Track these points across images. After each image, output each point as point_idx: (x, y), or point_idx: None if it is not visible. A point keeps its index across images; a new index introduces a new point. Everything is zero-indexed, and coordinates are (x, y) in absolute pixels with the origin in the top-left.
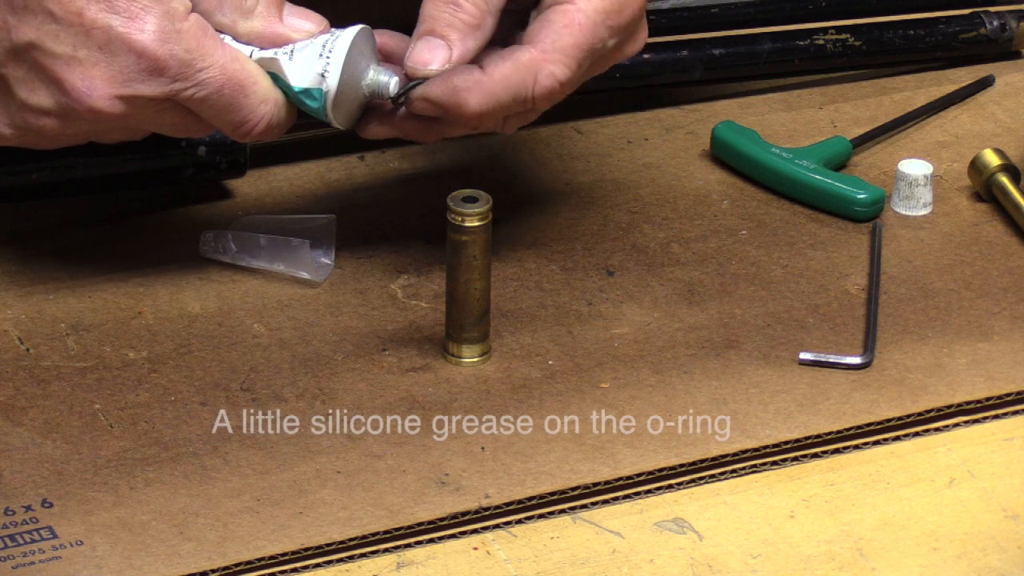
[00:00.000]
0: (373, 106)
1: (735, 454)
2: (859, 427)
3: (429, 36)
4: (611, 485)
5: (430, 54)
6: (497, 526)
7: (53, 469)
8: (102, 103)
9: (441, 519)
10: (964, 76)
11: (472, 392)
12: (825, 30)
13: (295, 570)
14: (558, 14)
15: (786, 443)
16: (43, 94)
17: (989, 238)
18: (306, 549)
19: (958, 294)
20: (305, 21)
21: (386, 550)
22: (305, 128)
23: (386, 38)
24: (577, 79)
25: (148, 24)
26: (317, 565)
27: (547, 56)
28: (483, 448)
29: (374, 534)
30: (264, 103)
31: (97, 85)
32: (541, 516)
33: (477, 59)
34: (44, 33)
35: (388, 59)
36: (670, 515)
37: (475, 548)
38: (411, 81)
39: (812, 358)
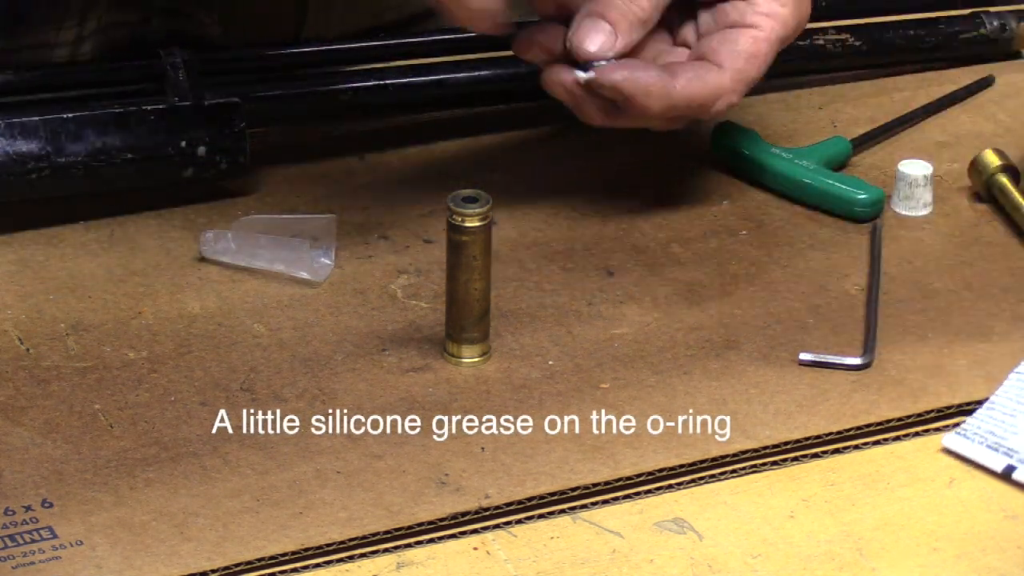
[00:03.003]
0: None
1: (735, 454)
2: (859, 427)
3: (600, 19)
4: (611, 485)
5: (596, 35)
6: (497, 526)
7: (53, 469)
8: None
9: (441, 519)
10: (964, 76)
11: (472, 392)
12: (825, 30)
13: (295, 570)
14: (746, 39)
15: (786, 443)
16: None
17: (989, 238)
18: (306, 549)
19: (958, 294)
20: None
21: (386, 550)
22: (305, 128)
23: (545, 35)
24: None
25: None
26: (317, 565)
27: (733, 85)
28: (483, 448)
29: (374, 534)
30: None
31: None
32: (541, 516)
33: (661, 57)
34: None
35: (566, 10)
36: (670, 515)
37: (475, 548)
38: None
39: (812, 358)
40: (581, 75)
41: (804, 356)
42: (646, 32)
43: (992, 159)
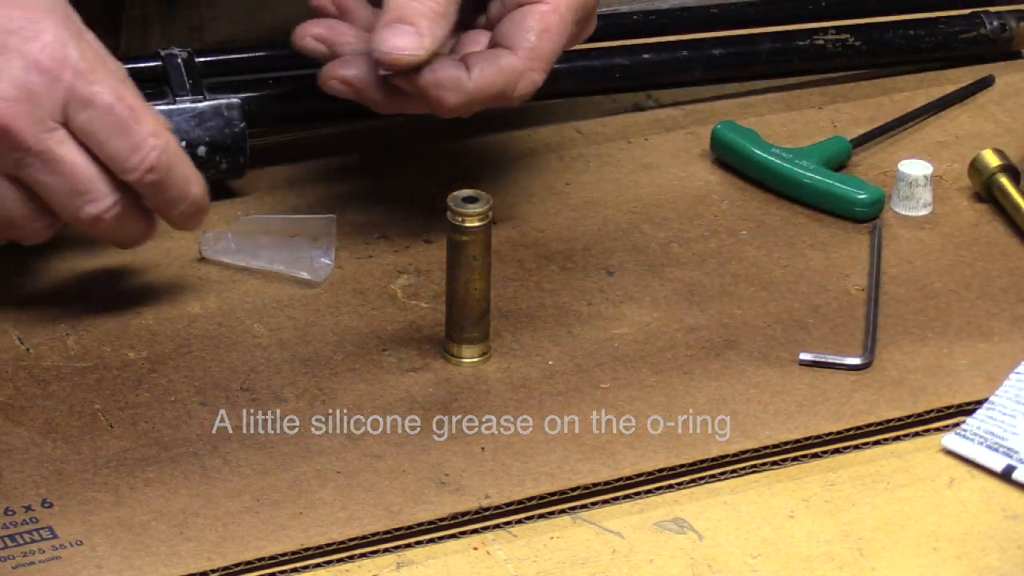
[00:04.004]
0: (340, 63)
1: (735, 454)
2: (859, 427)
3: (399, 23)
4: (611, 485)
5: (403, 40)
6: (497, 526)
7: (53, 469)
8: (1, 109)
9: (441, 519)
10: (964, 76)
11: (472, 392)
12: (825, 30)
13: (295, 570)
14: (534, 17)
15: (786, 443)
16: None
17: (989, 238)
18: (306, 549)
19: (958, 295)
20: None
21: (386, 550)
22: (306, 128)
23: (320, 27)
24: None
25: (46, 30)
26: (317, 565)
27: (529, 64)
28: (483, 448)
29: (374, 534)
30: (156, 136)
31: None
32: (541, 516)
33: (456, 51)
34: None
35: (344, 16)
36: (670, 515)
37: (475, 548)
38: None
39: (812, 358)
40: (374, 80)
41: (804, 356)
42: (450, 26)
43: (992, 159)
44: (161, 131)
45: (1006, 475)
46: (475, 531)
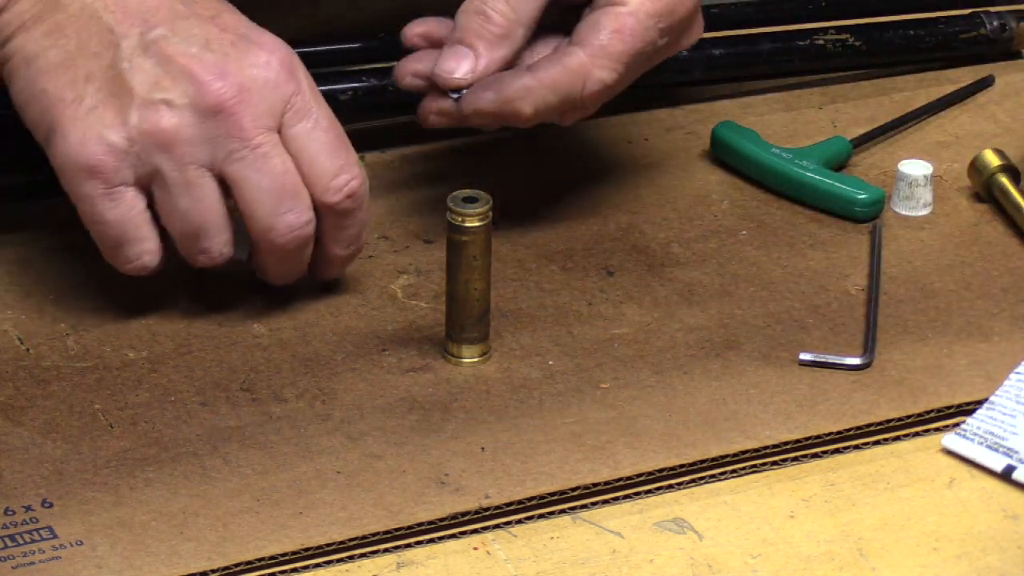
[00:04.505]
0: (432, 97)
1: (735, 454)
2: (859, 427)
3: (457, 44)
4: (611, 485)
5: (456, 63)
6: (497, 526)
7: (53, 469)
8: (229, 94)
9: (441, 519)
10: (964, 76)
11: (472, 392)
12: (825, 30)
13: (295, 570)
14: (608, 17)
15: (786, 443)
16: (168, 85)
17: (989, 238)
18: (306, 549)
19: (958, 295)
20: None
21: (386, 550)
22: None
23: (435, 25)
24: (626, 80)
25: (277, 40)
26: (317, 565)
27: (595, 62)
28: (483, 448)
29: (374, 534)
30: (359, 166)
31: (229, 74)
32: (541, 516)
33: (524, 61)
34: (177, 29)
35: (431, 44)
36: (670, 515)
37: (475, 548)
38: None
39: (812, 358)
40: (453, 103)
41: (804, 356)
42: (514, 47)
43: (992, 159)
44: (361, 165)
45: (1006, 475)
46: (475, 531)
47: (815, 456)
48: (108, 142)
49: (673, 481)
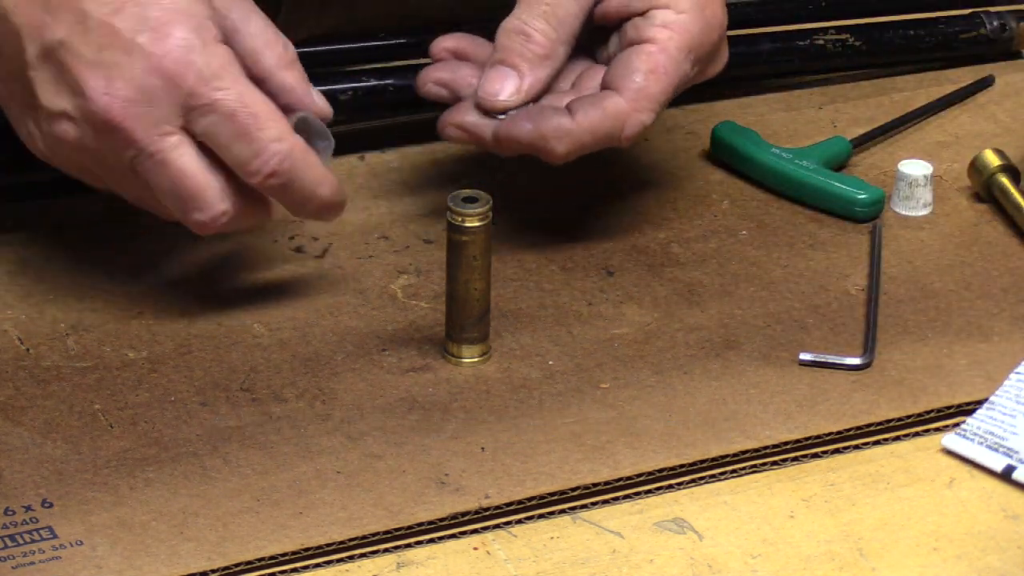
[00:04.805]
0: (456, 110)
1: (735, 454)
2: (859, 427)
3: (500, 65)
4: (611, 485)
5: (500, 84)
6: (497, 526)
7: (53, 469)
8: (116, 108)
9: (441, 519)
10: (964, 76)
11: (472, 392)
12: (825, 30)
13: (295, 570)
14: (641, 58)
15: (786, 443)
16: (64, 96)
17: (989, 238)
18: (306, 549)
19: (958, 295)
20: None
21: (386, 550)
22: None
23: (465, 42)
24: (660, 114)
25: (176, 34)
26: (317, 565)
27: (635, 105)
28: (483, 448)
29: (374, 534)
30: (279, 141)
31: (116, 87)
32: (541, 516)
33: (564, 80)
34: (75, 32)
35: (463, 58)
36: (670, 515)
37: (475, 548)
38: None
39: (812, 358)
40: (490, 127)
41: (804, 356)
42: (555, 67)
43: (992, 159)
44: (286, 136)
45: (1006, 475)
46: (475, 531)
47: (815, 456)
48: (38, 149)
49: (673, 481)
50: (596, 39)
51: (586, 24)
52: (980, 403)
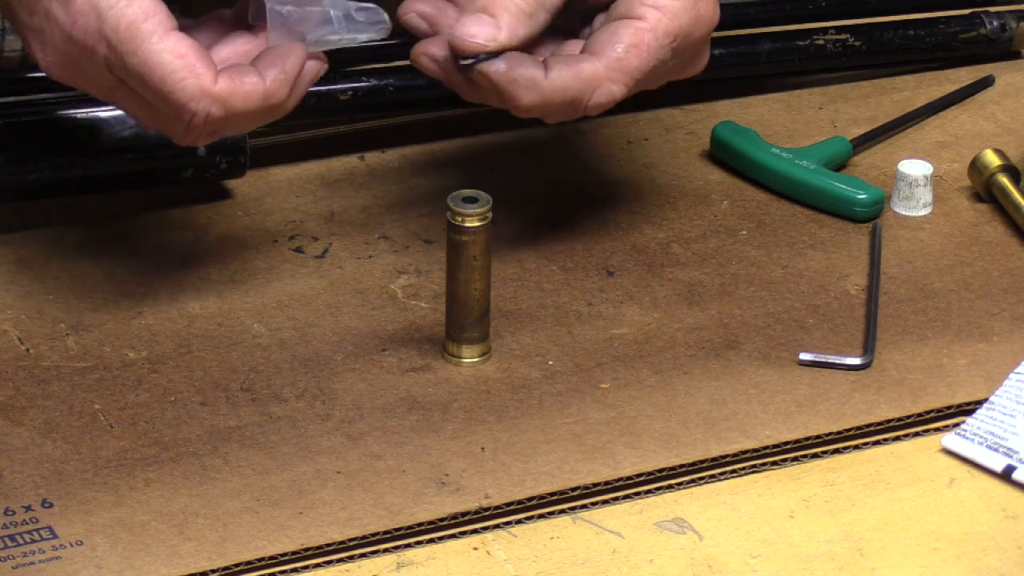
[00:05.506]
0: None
1: (735, 454)
2: (859, 427)
3: (482, 12)
4: (611, 485)
5: (478, 28)
6: (497, 526)
7: (53, 469)
8: (56, 71)
9: (441, 519)
10: (964, 76)
11: (472, 392)
12: (825, 30)
13: (295, 570)
14: (627, 30)
15: (786, 443)
16: (28, 46)
17: (989, 238)
18: (306, 549)
19: (958, 295)
20: None
21: (386, 550)
22: (305, 128)
23: (433, 5)
24: (630, 94)
25: (76, 4)
26: (317, 565)
27: (610, 74)
28: (483, 448)
29: (374, 534)
30: (194, 101)
31: (48, 52)
32: (541, 516)
33: (540, 53)
34: (16, 1)
35: (429, 24)
36: (670, 515)
37: (475, 548)
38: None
39: (812, 358)
40: (462, 62)
41: (804, 356)
42: (534, 29)
43: (992, 159)
44: (201, 94)
45: (1006, 475)
46: (475, 531)
47: (815, 456)
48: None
49: (673, 481)
50: (581, 22)
51: (570, 5)
52: (980, 403)
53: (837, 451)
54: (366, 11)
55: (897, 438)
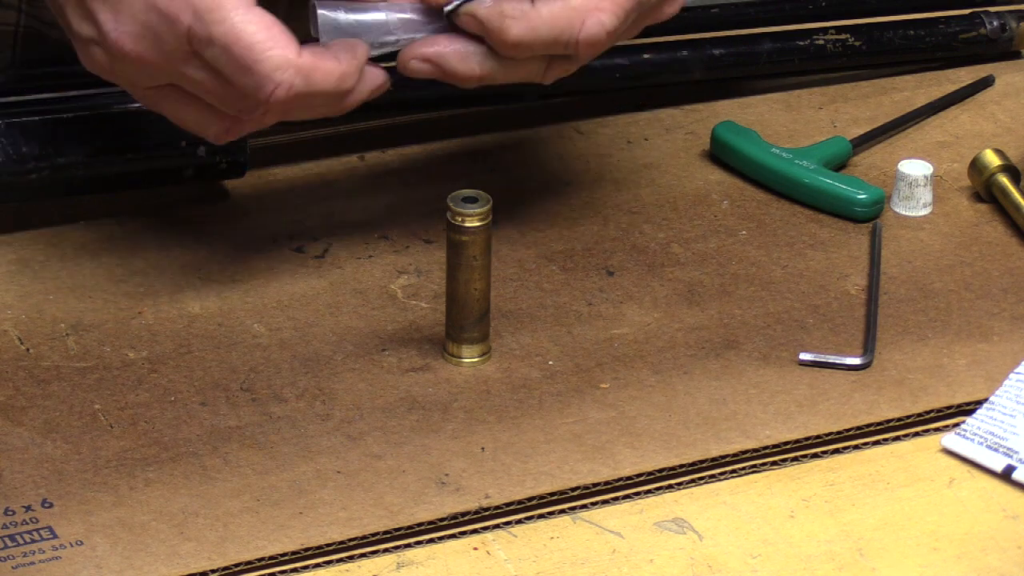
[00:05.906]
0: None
1: (735, 454)
2: (859, 427)
3: None
4: (611, 485)
5: None
6: (497, 526)
7: (53, 469)
8: (127, 42)
9: (441, 519)
10: (964, 76)
11: (472, 392)
12: (825, 30)
13: (295, 570)
14: None
15: (786, 443)
16: (87, 24)
17: (989, 238)
18: (306, 549)
19: (958, 295)
20: None
21: (386, 550)
22: (305, 128)
23: None
24: (622, 32)
25: None
26: (317, 565)
27: (599, 3)
28: (483, 448)
29: (374, 534)
30: (280, 70)
31: (122, 21)
32: (541, 516)
33: None
34: None
35: None
36: (670, 515)
37: (475, 548)
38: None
39: (812, 358)
40: (446, 8)
41: (804, 356)
42: None
43: (992, 159)
44: (287, 64)
45: (1006, 475)
46: (475, 531)
47: (815, 456)
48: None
49: (673, 481)
50: None
51: None
52: (980, 403)
53: (837, 451)
54: (418, 10)
55: (897, 438)
